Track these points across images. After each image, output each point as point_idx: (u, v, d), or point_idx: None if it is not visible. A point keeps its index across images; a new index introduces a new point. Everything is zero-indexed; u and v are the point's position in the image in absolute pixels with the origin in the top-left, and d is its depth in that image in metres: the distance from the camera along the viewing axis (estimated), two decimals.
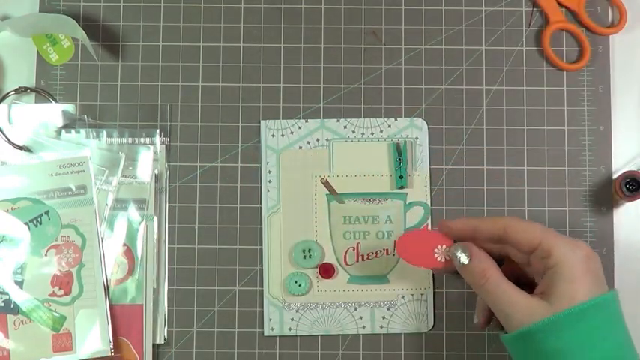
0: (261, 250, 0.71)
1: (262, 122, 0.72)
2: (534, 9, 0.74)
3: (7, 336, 0.68)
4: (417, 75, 0.73)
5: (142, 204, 0.70)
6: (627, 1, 0.73)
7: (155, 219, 0.70)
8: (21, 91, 0.72)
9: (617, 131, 0.72)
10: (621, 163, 0.72)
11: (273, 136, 0.71)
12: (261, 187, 0.71)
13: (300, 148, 0.71)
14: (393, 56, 0.73)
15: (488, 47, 0.73)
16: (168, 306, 0.70)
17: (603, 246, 0.71)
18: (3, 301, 0.68)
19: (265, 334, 0.70)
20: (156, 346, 0.70)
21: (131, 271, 0.70)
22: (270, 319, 0.70)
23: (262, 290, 0.70)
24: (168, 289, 0.71)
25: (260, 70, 0.73)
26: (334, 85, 0.72)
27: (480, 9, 0.73)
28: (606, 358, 0.56)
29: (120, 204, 0.70)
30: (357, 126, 0.72)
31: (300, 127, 0.72)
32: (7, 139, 0.70)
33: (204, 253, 0.71)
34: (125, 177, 0.70)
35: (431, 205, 0.71)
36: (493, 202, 0.71)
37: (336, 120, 0.72)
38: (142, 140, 0.71)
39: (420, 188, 0.71)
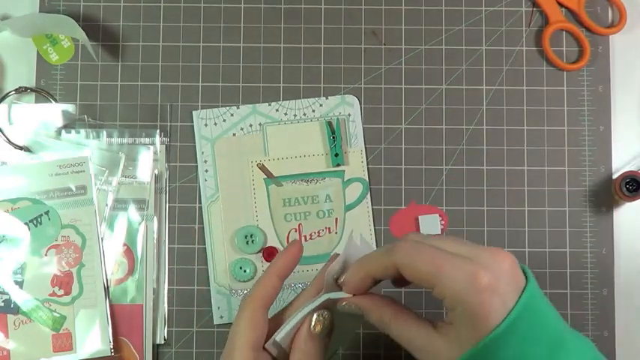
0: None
1: (194, 112, 0.72)
2: (534, 9, 0.74)
3: (7, 336, 0.68)
4: (417, 75, 0.73)
5: (142, 204, 0.70)
6: (627, 1, 0.73)
7: (155, 219, 0.70)
8: (21, 91, 0.72)
9: (617, 131, 0.72)
10: (621, 163, 0.72)
11: (206, 125, 0.72)
12: (198, 177, 0.71)
13: (234, 134, 0.72)
14: (393, 56, 0.73)
15: (488, 47, 0.73)
16: (168, 306, 0.70)
17: (603, 246, 0.71)
18: (3, 301, 0.68)
19: (215, 323, 0.70)
20: (156, 346, 0.70)
21: (131, 271, 0.70)
22: (218, 308, 0.70)
23: None
24: (168, 289, 0.71)
25: (260, 70, 0.73)
26: (334, 85, 0.72)
27: (480, 9, 0.73)
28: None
29: (120, 204, 0.70)
30: (288, 108, 0.72)
31: (232, 114, 0.72)
32: (7, 139, 0.70)
33: (204, 253, 0.71)
34: (125, 177, 0.70)
35: (370, 184, 0.71)
36: (493, 203, 0.71)
37: (267, 104, 0.72)
38: (142, 140, 0.71)
39: (356, 164, 0.71)
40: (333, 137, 0.71)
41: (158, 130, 0.71)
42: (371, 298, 0.54)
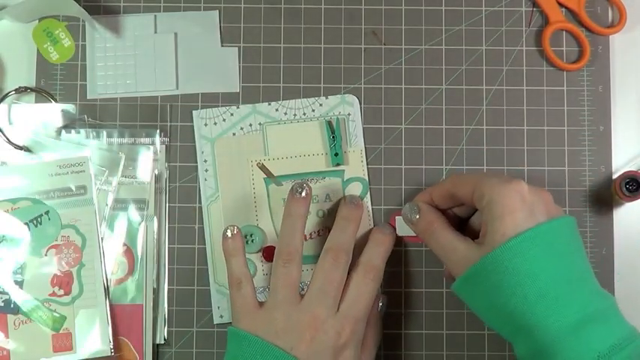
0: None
1: (194, 112, 0.72)
2: (534, 9, 0.73)
3: (7, 336, 0.68)
4: (417, 75, 0.73)
5: (142, 204, 0.70)
6: (627, 1, 0.73)
7: (155, 219, 0.70)
8: (21, 91, 0.72)
9: (617, 131, 0.72)
10: (621, 163, 0.72)
11: (206, 125, 0.72)
12: (198, 176, 0.71)
13: (234, 134, 0.71)
14: (393, 56, 0.73)
15: (488, 47, 0.73)
16: (168, 306, 0.70)
17: (603, 246, 0.71)
18: (3, 301, 0.68)
19: (215, 322, 0.70)
20: (156, 346, 0.70)
21: (131, 271, 0.70)
22: (218, 307, 0.70)
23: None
24: (168, 289, 0.71)
25: (260, 70, 0.73)
26: (334, 85, 0.72)
27: (480, 9, 0.73)
28: (546, 289, 0.56)
29: (120, 204, 0.70)
30: (288, 107, 0.72)
31: (232, 114, 0.72)
32: (7, 139, 0.70)
33: (204, 253, 0.71)
34: (125, 177, 0.70)
35: (370, 184, 0.71)
36: None
37: (267, 104, 0.72)
38: (142, 140, 0.71)
39: (356, 164, 0.71)
40: (333, 137, 0.71)
41: (158, 130, 0.71)
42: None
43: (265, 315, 0.63)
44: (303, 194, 0.66)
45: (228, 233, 0.65)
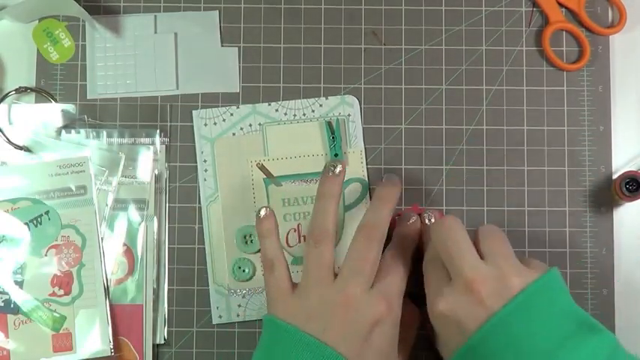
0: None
1: (194, 112, 0.72)
2: (534, 9, 0.73)
3: (7, 336, 0.68)
4: (417, 75, 0.73)
5: (142, 204, 0.70)
6: (627, 1, 0.73)
7: (155, 219, 0.70)
8: (21, 91, 0.72)
9: (617, 131, 0.72)
10: (621, 163, 0.72)
11: (205, 125, 0.71)
12: (197, 176, 0.71)
13: (234, 134, 0.71)
14: (393, 56, 0.73)
15: (488, 47, 0.73)
16: (168, 306, 0.70)
17: (603, 246, 0.71)
18: (3, 301, 0.68)
19: (214, 323, 0.70)
20: (156, 346, 0.70)
21: (131, 271, 0.70)
22: (217, 307, 0.70)
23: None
24: (168, 289, 0.71)
25: (260, 70, 0.73)
26: (334, 85, 0.72)
27: (480, 9, 0.73)
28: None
29: (120, 204, 0.70)
30: (288, 108, 0.72)
31: (232, 114, 0.72)
32: (7, 139, 0.70)
33: (203, 253, 0.71)
34: (125, 177, 0.70)
35: (370, 185, 0.71)
36: (493, 203, 0.71)
37: (267, 104, 0.72)
38: (142, 140, 0.71)
39: (356, 165, 0.71)
40: (333, 137, 0.71)
41: (158, 130, 0.71)
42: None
43: (298, 298, 0.62)
44: (337, 171, 0.65)
45: (262, 213, 0.65)
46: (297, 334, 0.59)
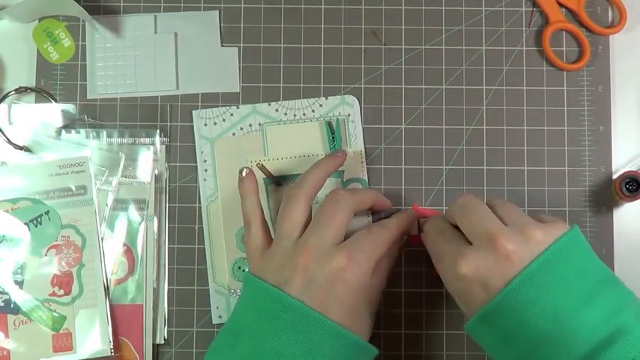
0: None
1: (194, 112, 0.72)
2: (534, 9, 0.73)
3: (7, 336, 0.68)
4: (417, 75, 0.73)
5: (142, 204, 0.70)
6: (627, 1, 0.73)
7: (155, 219, 0.70)
8: (21, 91, 0.72)
9: (617, 131, 0.72)
10: (621, 163, 0.72)
11: (205, 125, 0.72)
12: (197, 176, 0.71)
13: (234, 134, 0.72)
14: (393, 56, 0.73)
15: (488, 47, 0.73)
16: (168, 306, 0.70)
17: (603, 246, 0.71)
18: (3, 301, 0.68)
19: (214, 323, 0.70)
20: (156, 346, 0.70)
21: (131, 271, 0.70)
22: (217, 308, 0.70)
23: None
24: (168, 289, 0.71)
25: (260, 70, 0.73)
26: (334, 85, 0.72)
27: (480, 9, 0.73)
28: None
29: (120, 204, 0.70)
30: (288, 108, 0.72)
31: (232, 114, 0.72)
32: (7, 139, 0.70)
33: (203, 253, 0.71)
34: (125, 177, 0.70)
35: (370, 185, 0.71)
36: None
37: (267, 104, 0.72)
38: (142, 140, 0.71)
39: (356, 165, 0.71)
40: (333, 137, 0.71)
41: (158, 130, 0.71)
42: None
43: (268, 254, 0.63)
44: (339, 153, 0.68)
45: (243, 174, 0.66)
46: (262, 286, 0.60)
